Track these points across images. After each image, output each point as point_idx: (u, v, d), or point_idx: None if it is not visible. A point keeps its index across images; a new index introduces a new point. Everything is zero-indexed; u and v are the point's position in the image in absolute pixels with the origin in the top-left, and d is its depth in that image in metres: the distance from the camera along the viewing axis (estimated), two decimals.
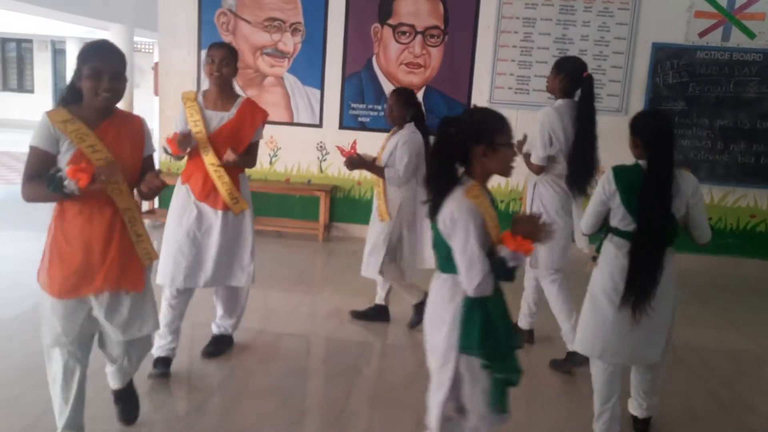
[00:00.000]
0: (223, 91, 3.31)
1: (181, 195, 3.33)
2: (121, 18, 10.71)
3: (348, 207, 6.59)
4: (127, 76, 2.38)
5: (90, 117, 2.32)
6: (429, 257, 3.94)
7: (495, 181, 6.32)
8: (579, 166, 3.56)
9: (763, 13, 5.90)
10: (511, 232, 2.12)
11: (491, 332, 2.12)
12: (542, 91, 6.10)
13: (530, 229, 2.12)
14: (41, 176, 2.24)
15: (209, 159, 3.22)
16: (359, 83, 6.35)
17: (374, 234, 4.01)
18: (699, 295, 5.19)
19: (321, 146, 6.49)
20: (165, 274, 3.26)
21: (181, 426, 2.92)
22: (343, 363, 3.67)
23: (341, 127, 6.45)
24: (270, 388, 3.34)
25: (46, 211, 2.44)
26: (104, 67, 2.26)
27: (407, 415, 3.11)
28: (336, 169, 6.54)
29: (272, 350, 3.80)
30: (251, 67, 6.42)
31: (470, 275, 2.04)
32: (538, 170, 3.71)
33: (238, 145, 3.26)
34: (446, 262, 2.15)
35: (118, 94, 2.33)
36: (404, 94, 3.96)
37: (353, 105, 6.40)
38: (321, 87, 6.40)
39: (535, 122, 6.25)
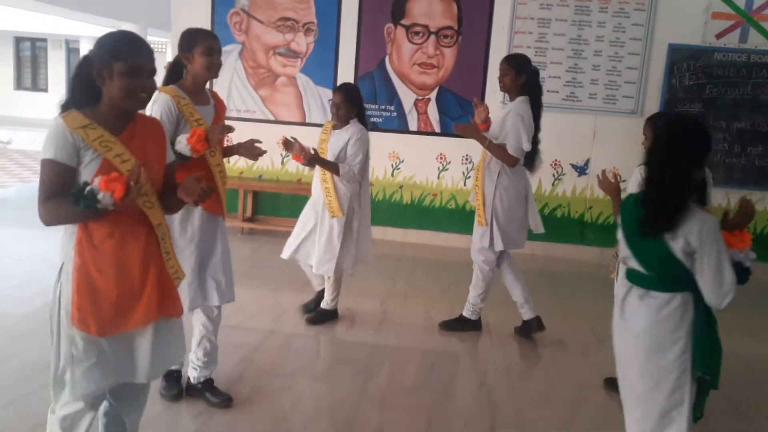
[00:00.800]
0: (205, 82, 2.97)
1: (184, 212, 2.91)
2: (134, 17, 10.76)
3: None
4: None
5: (110, 121, 1.97)
6: (367, 253, 4.20)
7: None
8: (536, 151, 3.98)
9: None
10: (726, 232, 2.07)
11: (719, 348, 2.12)
12: (556, 92, 6.08)
13: (743, 220, 2.07)
14: (63, 194, 1.87)
15: (216, 160, 2.92)
16: (372, 84, 6.32)
17: (325, 231, 3.98)
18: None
19: None
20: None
21: (190, 427, 2.90)
22: (355, 365, 3.64)
23: None
24: (281, 389, 3.32)
25: None
26: (144, 63, 1.95)
27: (419, 419, 3.09)
28: None
29: (283, 351, 3.78)
30: (263, 66, 6.41)
31: (724, 290, 1.99)
32: (515, 162, 3.87)
33: (222, 141, 3.04)
34: (674, 281, 2.07)
35: (152, 95, 2.05)
36: (353, 92, 3.99)
37: (365, 105, 6.35)
38: (333, 87, 6.38)
39: (550, 124, 6.21)
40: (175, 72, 2.95)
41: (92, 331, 1.95)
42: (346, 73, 6.33)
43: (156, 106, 2.79)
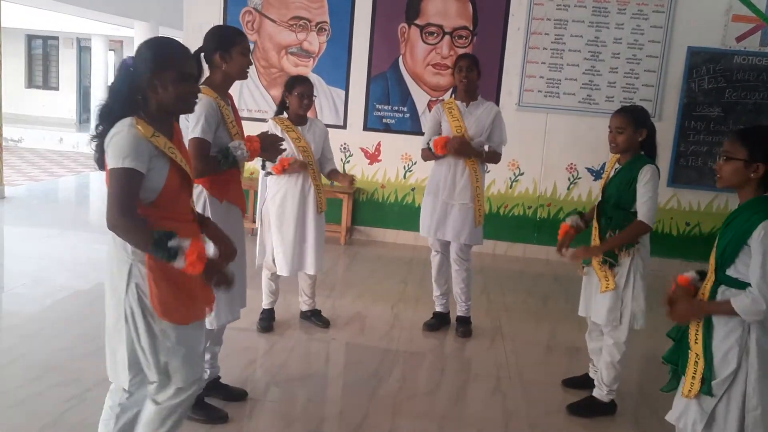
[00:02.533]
0: (231, 84, 2.91)
1: (224, 216, 2.76)
2: (146, 16, 10.77)
3: (371, 210, 6.50)
4: None
5: (161, 127, 2.03)
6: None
7: (523, 186, 6.21)
8: None
9: None
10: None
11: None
12: (572, 95, 6.01)
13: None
14: (134, 206, 1.93)
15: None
16: (385, 84, 6.26)
17: (319, 228, 3.90)
18: None
19: (345, 147, 6.41)
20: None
21: (201, 429, 2.84)
22: (365, 369, 3.58)
23: (365, 128, 6.36)
24: (290, 393, 3.26)
25: (70, 208, 2.34)
26: (192, 68, 2.06)
27: (430, 425, 3.02)
28: (359, 171, 6.45)
29: (293, 355, 3.72)
30: (275, 66, 6.36)
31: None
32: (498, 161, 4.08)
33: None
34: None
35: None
36: (311, 85, 3.84)
37: (378, 106, 6.31)
38: (346, 87, 6.32)
39: (566, 127, 6.13)
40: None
41: (178, 320, 2.04)
42: (358, 73, 6.28)
43: (199, 107, 2.62)
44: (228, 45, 2.75)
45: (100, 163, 2.01)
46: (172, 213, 2.05)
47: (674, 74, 5.89)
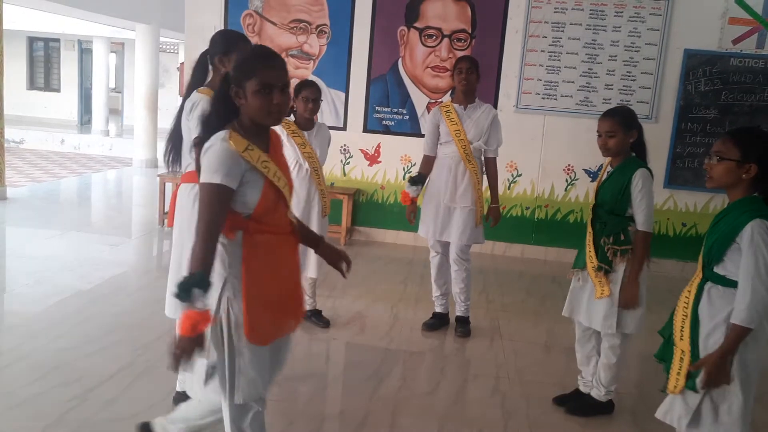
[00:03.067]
0: None
1: None
2: (147, 18, 10.80)
3: (371, 211, 6.54)
4: None
5: (255, 139, 1.97)
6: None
7: (521, 187, 6.26)
8: None
9: None
10: None
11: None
12: (570, 97, 6.05)
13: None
14: (221, 223, 1.90)
15: None
16: (384, 86, 6.31)
17: (322, 232, 3.93)
18: None
19: (345, 149, 6.46)
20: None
21: None
22: (365, 369, 3.62)
23: (365, 130, 6.41)
24: (292, 392, 3.30)
25: (71, 209, 2.38)
26: (275, 78, 1.92)
27: (430, 425, 3.06)
28: (359, 172, 6.50)
29: (293, 355, 3.75)
30: None
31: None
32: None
33: None
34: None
35: (285, 110, 2.04)
36: (318, 89, 3.86)
37: (378, 108, 6.36)
38: (346, 90, 6.37)
39: (564, 128, 6.17)
40: (202, 72, 2.85)
41: (259, 341, 2.01)
42: (358, 76, 6.32)
43: (199, 109, 2.65)
44: (228, 49, 2.77)
45: (198, 171, 1.96)
46: (270, 226, 2.02)
47: (671, 76, 5.93)
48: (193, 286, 1.78)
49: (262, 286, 1.99)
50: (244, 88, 1.91)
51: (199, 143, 2.00)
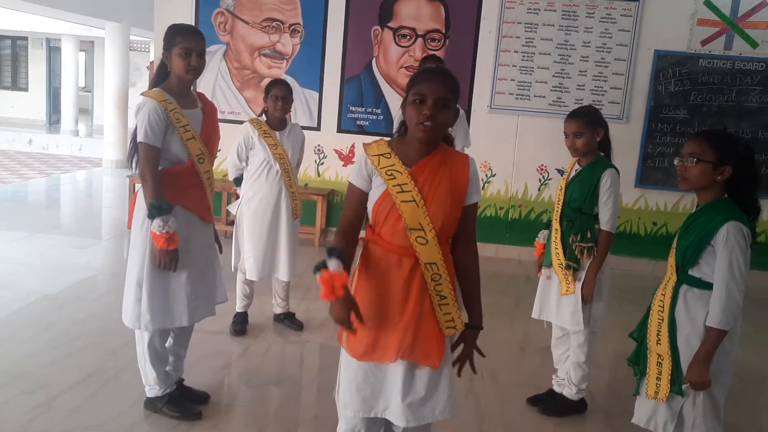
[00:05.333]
0: (189, 85, 2.84)
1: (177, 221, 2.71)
2: (117, 16, 10.64)
3: None
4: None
5: (410, 152, 1.98)
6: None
7: (495, 188, 6.27)
8: None
9: (765, 22, 5.86)
10: None
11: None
12: (543, 97, 6.08)
13: None
14: (356, 220, 2.04)
15: (205, 167, 2.83)
16: (359, 86, 6.27)
17: (293, 234, 3.91)
18: None
19: (318, 149, 6.41)
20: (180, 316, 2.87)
21: None
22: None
23: (339, 130, 6.37)
24: (264, 397, 3.26)
25: (39, 211, 2.33)
26: (427, 91, 1.91)
27: None
28: (333, 172, 6.46)
29: (266, 358, 3.71)
30: (248, 68, 6.33)
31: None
32: None
33: (214, 145, 2.94)
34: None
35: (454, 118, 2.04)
36: (288, 87, 3.82)
37: (352, 108, 6.32)
38: (319, 89, 6.32)
39: (537, 129, 6.21)
40: (162, 73, 2.80)
41: (349, 352, 2.02)
42: (332, 75, 6.28)
43: (142, 112, 2.66)
44: (168, 45, 2.71)
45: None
46: (380, 236, 2.01)
47: (641, 77, 6.00)
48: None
49: (360, 297, 2.00)
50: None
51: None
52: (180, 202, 2.75)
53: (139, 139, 2.67)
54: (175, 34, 2.71)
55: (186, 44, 2.67)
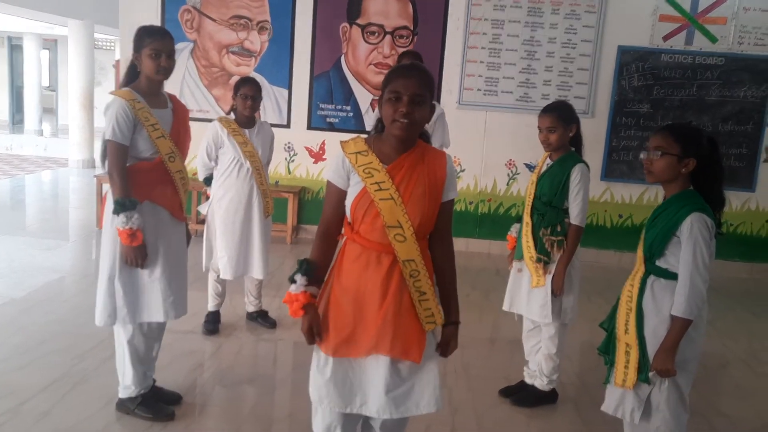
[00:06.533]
0: (160, 85, 2.86)
1: (144, 215, 2.74)
2: (80, 14, 10.44)
3: (317, 209, 6.50)
4: None
5: (387, 150, 1.99)
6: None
7: (464, 183, 6.33)
8: None
9: (724, 17, 6.01)
10: None
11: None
12: (510, 93, 6.15)
13: None
14: (336, 222, 2.05)
15: (176, 166, 2.83)
16: (328, 83, 6.27)
17: (265, 232, 3.92)
18: None
19: (289, 147, 6.39)
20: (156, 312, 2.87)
21: None
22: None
23: (309, 127, 6.36)
24: (238, 396, 3.25)
25: (4, 212, 2.29)
26: (405, 89, 1.90)
27: None
28: (304, 170, 6.45)
29: (240, 357, 3.71)
30: (216, 65, 6.28)
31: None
32: None
33: (185, 145, 2.95)
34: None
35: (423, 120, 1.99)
36: (257, 86, 3.81)
37: (322, 105, 6.32)
38: (289, 86, 6.30)
39: (505, 124, 6.27)
40: (132, 74, 2.81)
41: (323, 349, 2.02)
42: (301, 73, 6.27)
43: (110, 111, 2.68)
44: (138, 46, 2.74)
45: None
46: (359, 233, 2.00)
47: (606, 72, 6.11)
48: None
49: (337, 291, 2.04)
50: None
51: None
52: (149, 197, 2.78)
53: (107, 137, 2.70)
54: (145, 36, 2.73)
55: (155, 45, 2.70)
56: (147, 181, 2.78)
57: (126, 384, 2.91)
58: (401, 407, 2.01)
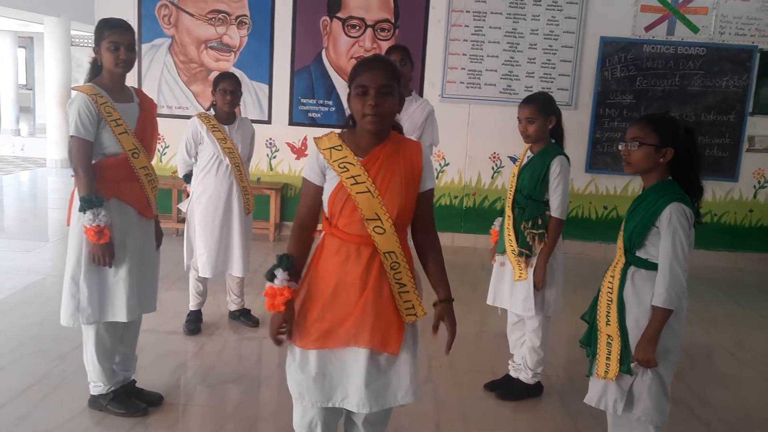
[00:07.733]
0: (122, 79, 2.79)
1: (112, 213, 2.70)
2: (56, 10, 10.28)
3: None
4: None
5: (361, 144, 1.97)
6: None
7: (449, 177, 6.30)
8: None
9: (705, 7, 6.03)
10: None
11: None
12: (493, 85, 6.13)
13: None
14: (311, 215, 2.04)
15: (140, 162, 2.77)
16: (309, 78, 6.21)
17: (246, 230, 3.87)
18: None
19: (270, 143, 6.33)
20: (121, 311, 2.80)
21: None
22: None
23: (291, 123, 6.30)
24: (222, 395, 3.21)
25: None
26: (372, 82, 1.88)
27: None
28: (286, 166, 6.38)
29: (221, 356, 3.65)
30: (195, 61, 6.19)
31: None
32: None
33: (151, 141, 2.89)
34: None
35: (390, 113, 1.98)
36: (236, 81, 3.76)
37: (303, 100, 6.25)
38: (269, 82, 6.23)
39: (488, 117, 6.25)
40: (95, 68, 2.77)
41: (298, 344, 2.01)
42: (281, 67, 6.20)
43: (73, 107, 2.64)
44: (98, 39, 2.70)
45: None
46: (337, 227, 1.99)
47: (588, 64, 6.10)
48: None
49: (315, 286, 2.03)
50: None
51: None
52: (115, 194, 2.74)
53: (71, 132, 2.66)
54: (104, 29, 2.69)
55: (113, 38, 2.66)
56: (113, 178, 2.73)
57: (94, 380, 2.88)
58: (380, 400, 2.00)
